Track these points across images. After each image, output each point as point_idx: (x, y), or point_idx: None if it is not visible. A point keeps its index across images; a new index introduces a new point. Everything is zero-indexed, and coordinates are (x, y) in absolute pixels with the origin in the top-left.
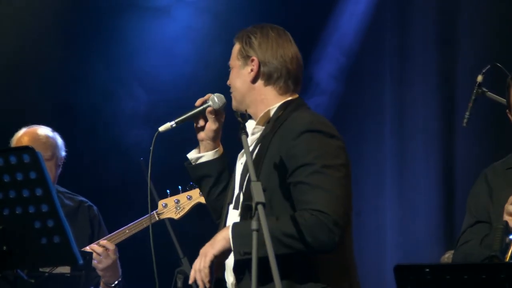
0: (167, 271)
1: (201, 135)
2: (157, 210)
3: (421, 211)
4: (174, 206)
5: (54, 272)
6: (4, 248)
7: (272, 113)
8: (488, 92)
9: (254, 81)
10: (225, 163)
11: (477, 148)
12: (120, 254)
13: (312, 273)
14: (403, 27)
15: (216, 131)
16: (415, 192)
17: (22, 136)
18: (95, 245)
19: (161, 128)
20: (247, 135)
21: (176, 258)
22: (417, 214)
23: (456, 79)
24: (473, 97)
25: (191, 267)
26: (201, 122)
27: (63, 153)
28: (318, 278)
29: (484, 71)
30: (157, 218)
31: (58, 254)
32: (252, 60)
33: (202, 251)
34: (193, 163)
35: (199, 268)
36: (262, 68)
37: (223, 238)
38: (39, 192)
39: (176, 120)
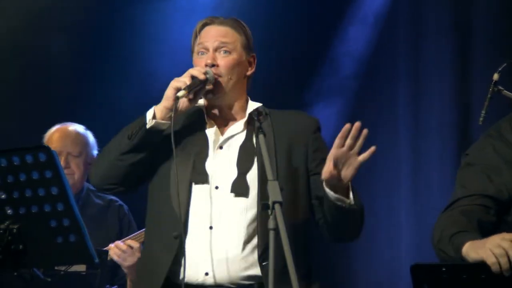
0: None
1: (183, 105)
2: None
3: (436, 210)
4: None
5: (69, 270)
6: (20, 247)
7: (249, 107)
8: (504, 91)
9: (248, 78)
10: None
11: None
12: None
13: (311, 268)
14: (417, 23)
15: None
16: (430, 190)
17: (54, 133)
18: (120, 242)
19: (179, 94)
20: (264, 135)
21: None
22: (432, 213)
23: (472, 77)
24: (489, 96)
25: None
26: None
27: (95, 152)
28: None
29: (500, 69)
30: None
31: (74, 252)
32: (253, 58)
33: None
34: (154, 128)
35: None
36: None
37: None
38: (54, 191)
39: (188, 84)
